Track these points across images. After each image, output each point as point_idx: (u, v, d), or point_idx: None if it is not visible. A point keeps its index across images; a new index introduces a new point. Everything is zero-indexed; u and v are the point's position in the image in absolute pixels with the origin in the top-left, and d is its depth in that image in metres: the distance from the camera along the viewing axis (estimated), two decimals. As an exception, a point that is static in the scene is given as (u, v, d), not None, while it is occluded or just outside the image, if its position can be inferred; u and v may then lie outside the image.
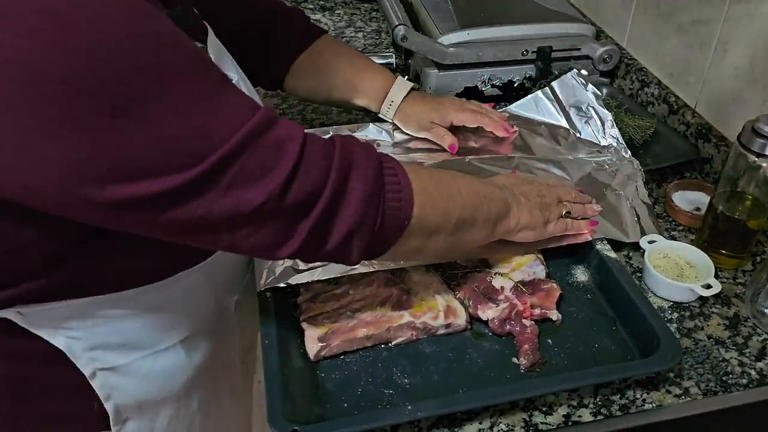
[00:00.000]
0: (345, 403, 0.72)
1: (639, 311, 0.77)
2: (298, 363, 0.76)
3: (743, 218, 0.86)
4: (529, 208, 0.81)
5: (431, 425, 0.70)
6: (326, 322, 0.78)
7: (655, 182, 1.06)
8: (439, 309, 0.79)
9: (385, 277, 0.83)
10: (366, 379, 0.75)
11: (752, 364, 0.77)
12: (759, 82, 0.95)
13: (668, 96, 1.15)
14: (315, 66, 1.03)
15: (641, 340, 0.76)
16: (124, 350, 0.72)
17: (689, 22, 1.09)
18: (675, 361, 0.71)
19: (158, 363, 0.75)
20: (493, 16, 1.26)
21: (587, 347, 0.78)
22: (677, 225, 0.97)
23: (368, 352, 0.78)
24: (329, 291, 0.82)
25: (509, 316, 0.79)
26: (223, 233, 0.57)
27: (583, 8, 1.42)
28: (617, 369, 0.74)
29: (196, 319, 0.78)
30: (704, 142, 1.06)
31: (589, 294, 0.85)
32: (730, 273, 0.89)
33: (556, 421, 0.71)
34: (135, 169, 0.49)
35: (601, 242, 0.87)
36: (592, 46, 1.24)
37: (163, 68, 0.49)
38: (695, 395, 0.73)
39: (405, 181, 0.66)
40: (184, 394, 0.81)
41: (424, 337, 0.79)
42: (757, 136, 0.79)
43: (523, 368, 0.75)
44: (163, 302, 0.72)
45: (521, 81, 1.25)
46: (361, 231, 0.62)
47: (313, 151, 0.58)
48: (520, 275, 0.83)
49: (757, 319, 0.82)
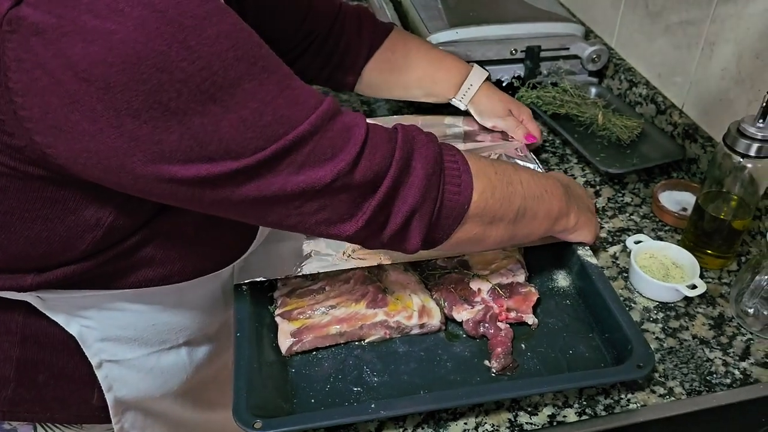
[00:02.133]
0: (312, 399, 0.72)
1: (615, 319, 0.76)
2: (271, 357, 0.76)
3: (728, 219, 0.86)
4: (584, 209, 0.84)
5: (417, 425, 0.70)
6: (300, 318, 0.79)
7: (642, 182, 1.07)
8: (414, 309, 0.79)
9: (363, 274, 0.83)
10: (336, 375, 0.75)
11: (736, 364, 0.77)
12: (745, 83, 0.96)
13: (656, 96, 1.15)
14: (389, 65, 1.03)
15: (616, 348, 0.76)
16: (133, 345, 0.74)
17: (677, 23, 1.09)
18: (646, 371, 0.71)
19: (162, 361, 0.77)
20: (483, 16, 1.26)
21: (561, 353, 0.77)
22: (664, 225, 0.98)
23: (341, 349, 0.78)
24: (306, 286, 0.82)
25: (484, 318, 0.78)
26: (292, 209, 0.60)
27: (572, 8, 1.42)
28: (585, 376, 0.73)
29: (204, 322, 0.80)
30: (691, 143, 1.06)
31: (569, 300, 0.85)
32: (715, 273, 0.90)
33: (541, 422, 0.71)
34: (219, 151, 0.53)
35: (583, 248, 0.86)
36: (581, 45, 1.24)
37: (253, 62, 0.53)
38: (679, 395, 0.74)
39: (464, 167, 0.68)
40: (182, 394, 0.82)
41: (397, 336, 0.79)
42: (742, 137, 0.79)
43: (494, 371, 0.75)
44: (178, 303, 0.75)
45: (510, 80, 1.25)
46: (421, 211, 0.65)
47: (378, 135, 0.63)
48: (498, 278, 0.83)
49: (742, 319, 0.82)
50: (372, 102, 1.27)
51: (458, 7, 1.32)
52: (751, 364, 0.77)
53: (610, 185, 1.06)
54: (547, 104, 1.18)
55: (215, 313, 0.82)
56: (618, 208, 1.01)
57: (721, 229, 0.87)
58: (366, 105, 1.27)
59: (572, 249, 0.86)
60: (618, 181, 1.07)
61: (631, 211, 1.01)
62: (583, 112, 1.16)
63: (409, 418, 0.71)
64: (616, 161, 1.07)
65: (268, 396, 0.70)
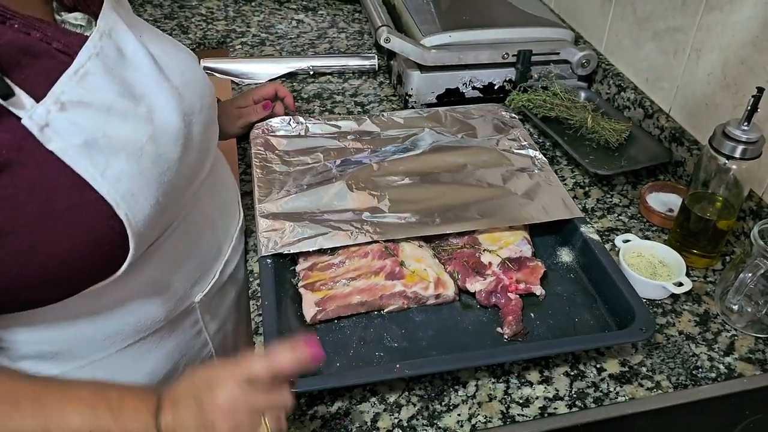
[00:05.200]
0: (338, 362, 0.76)
1: (617, 288, 0.81)
2: (295, 325, 0.80)
3: (714, 219, 0.89)
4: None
5: (411, 416, 0.72)
6: (323, 289, 0.82)
7: (630, 184, 1.09)
8: (430, 280, 0.83)
9: (380, 249, 0.86)
10: (359, 342, 0.79)
11: (721, 359, 0.80)
12: (730, 88, 0.98)
13: (644, 101, 1.18)
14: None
15: (619, 316, 0.81)
16: (58, 359, 0.69)
17: (664, 29, 1.12)
18: (649, 333, 0.75)
19: (97, 373, 0.72)
20: (475, 20, 1.29)
21: (568, 321, 0.82)
22: (651, 225, 1.00)
23: (361, 318, 0.82)
24: (326, 261, 0.86)
25: (495, 289, 0.83)
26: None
27: (563, 14, 1.45)
28: (594, 339, 0.79)
29: (141, 325, 0.73)
30: (677, 146, 1.09)
31: (572, 273, 0.90)
32: (701, 272, 0.92)
33: (532, 413, 0.72)
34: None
35: (585, 225, 0.90)
36: (571, 50, 1.27)
37: None
38: (666, 388, 0.76)
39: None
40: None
41: (414, 306, 0.83)
42: (728, 139, 0.82)
43: (507, 337, 0.79)
44: (94, 311, 0.69)
45: (501, 84, 1.27)
46: None
47: None
48: (507, 252, 0.88)
49: (726, 316, 0.84)
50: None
51: (451, 11, 1.34)
52: (735, 359, 0.80)
53: (599, 186, 1.09)
54: (538, 107, 1.21)
55: (163, 302, 0.74)
56: (607, 208, 1.04)
57: (706, 229, 0.90)
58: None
59: (575, 226, 0.91)
60: (607, 183, 1.09)
61: (619, 211, 1.03)
62: (573, 115, 1.19)
63: (403, 409, 0.72)
64: (605, 163, 1.09)
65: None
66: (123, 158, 0.61)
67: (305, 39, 1.55)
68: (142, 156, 0.62)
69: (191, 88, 0.72)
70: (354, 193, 0.94)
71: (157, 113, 0.66)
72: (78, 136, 0.58)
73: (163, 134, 0.66)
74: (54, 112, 0.57)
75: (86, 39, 0.62)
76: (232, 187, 0.91)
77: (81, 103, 0.59)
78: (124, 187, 0.60)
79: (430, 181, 0.98)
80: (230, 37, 1.56)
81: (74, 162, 0.57)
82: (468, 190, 0.96)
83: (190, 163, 0.71)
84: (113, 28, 0.65)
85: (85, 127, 0.59)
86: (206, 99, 0.75)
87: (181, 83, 0.70)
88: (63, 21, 0.65)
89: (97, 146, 0.59)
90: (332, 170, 1.00)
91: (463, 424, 0.71)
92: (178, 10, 1.70)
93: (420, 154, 1.05)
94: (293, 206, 0.91)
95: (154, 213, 0.64)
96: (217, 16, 1.68)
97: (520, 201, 0.94)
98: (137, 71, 0.66)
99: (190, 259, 0.77)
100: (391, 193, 0.94)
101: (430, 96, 1.25)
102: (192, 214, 0.75)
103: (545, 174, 1.00)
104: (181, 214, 0.73)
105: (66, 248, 0.59)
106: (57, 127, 0.56)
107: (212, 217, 0.81)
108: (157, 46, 0.71)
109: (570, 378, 0.76)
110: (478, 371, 0.77)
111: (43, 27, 0.59)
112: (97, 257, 0.61)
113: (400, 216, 0.90)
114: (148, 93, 0.66)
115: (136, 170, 0.62)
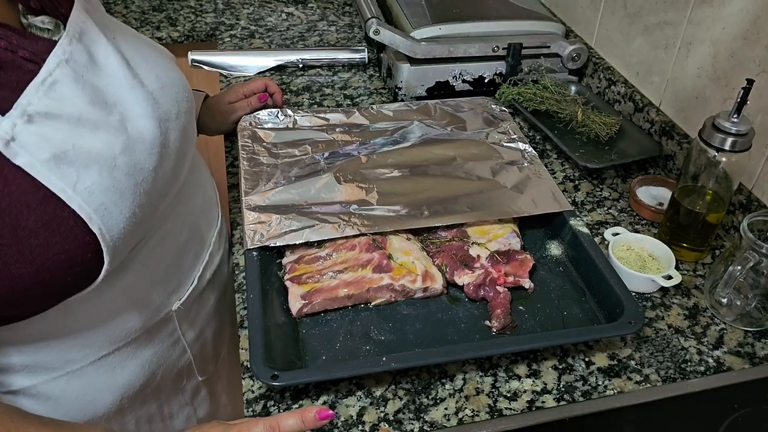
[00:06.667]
0: (324, 356, 0.75)
1: (606, 282, 0.81)
2: (281, 318, 0.79)
3: (703, 212, 0.88)
4: None
5: (398, 410, 0.71)
6: (309, 282, 0.81)
7: (620, 177, 1.09)
8: (418, 273, 0.82)
9: (368, 242, 0.85)
10: (345, 335, 0.78)
11: (710, 353, 0.79)
12: (720, 81, 0.98)
13: (634, 94, 1.17)
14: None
15: (608, 309, 0.80)
16: (31, 371, 0.67)
17: (655, 23, 1.11)
18: (638, 326, 0.75)
19: (72, 384, 0.70)
20: (465, 13, 1.28)
21: (556, 314, 0.82)
22: (641, 219, 1.00)
23: (348, 312, 0.81)
24: (313, 253, 0.85)
25: (484, 282, 0.82)
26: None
27: (554, 8, 1.44)
28: (582, 332, 0.78)
29: (117, 335, 0.72)
30: (668, 139, 1.09)
31: (561, 267, 0.89)
32: (690, 265, 0.92)
33: (520, 407, 0.72)
34: None
35: (575, 218, 0.90)
36: (562, 44, 1.26)
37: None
38: (655, 382, 0.75)
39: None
40: (116, 414, 0.75)
41: (402, 300, 0.82)
42: (717, 132, 0.81)
43: (495, 330, 0.79)
44: (68, 322, 0.67)
45: (492, 77, 1.27)
46: None
47: None
48: (496, 245, 0.87)
49: (715, 310, 0.84)
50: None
51: (441, 4, 1.33)
52: (724, 353, 0.79)
53: (589, 180, 1.08)
54: (528, 101, 1.20)
55: (139, 312, 0.72)
56: (596, 202, 1.03)
57: (696, 222, 0.89)
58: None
59: (564, 219, 0.90)
60: (596, 176, 1.09)
61: (609, 205, 1.03)
62: (563, 108, 1.18)
63: (390, 403, 0.71)
64: (595, 157, 1.09)
65: (281, 353, 0.72)
66: (95, 170, 0.58)
67: (295, 32, 1.54)
68: (115, 167, 0.59)
69: (167, 92, 0.69)
70: (342, 186, 0.93)
71: (131, 121, 0.63)
72: (46, 149, 0.55)
73: (138, 143, 0.63)
74: (20, 125, 0.53)
75: (54, 44, 0.59)
76: (211, 188, 0.89)
77: (49, 114, 0.56)
78: (96, 200, 0.57)
79: (419, 174, 0.97)
80: (219, 29, 1.55)
81: (43, 177, 0.54)
82: (457, 183, 0.95)
83: (166, 172, 0.68)
84: (83, 31, 0.62)
85: (53, 139, 0.55)
86: (183, 103, 0.72)
87: (156, 88, 0.67)
88: (29, 25, 0.61)
89: (67, 159, 0.56)
90: (320, 162, 0.99)
91: (450, 417, 0.70)
92: (166, 2, 1.68)
93: (409, 146, 1.04)
94: (280, 198, 0.90)
95: (130, 225, 0.61)
96: (206, 8, 1.66)
97: (510, 194, 0.93)
98: (109, 77, 0.63)
99: (167, 268, 0.75)
100: (380, 186, 0.93)
101: (420, 89, 1.24)
102: (169, 222, 0.73)
103: (535, 167, 0.99)
104: (157, 224, 0.71)
105: (39, 266, 0.56)
106: (24, 141, 0.53)
107: (190, 222, 0.79)
108: (131, 48, 0.68)
109: (558, 371, 0.76)
110: (465, 365, 0.76)
111: (8, 34, 0.56)
112: (71, 273, 0.59)
113: (389, 208, 0.89)
114: (121, 100, 0.63)
115: (109, 182, 0.59)
